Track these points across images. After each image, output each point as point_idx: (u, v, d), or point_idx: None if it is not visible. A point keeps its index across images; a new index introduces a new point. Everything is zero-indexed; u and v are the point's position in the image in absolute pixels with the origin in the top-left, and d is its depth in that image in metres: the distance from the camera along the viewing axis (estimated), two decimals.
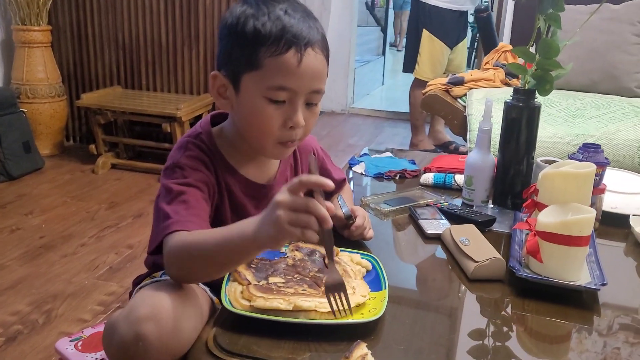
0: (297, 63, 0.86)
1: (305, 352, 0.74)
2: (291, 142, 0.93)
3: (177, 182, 0.89)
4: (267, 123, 0.89)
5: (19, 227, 2.31)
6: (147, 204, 2.60)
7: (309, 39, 0.87)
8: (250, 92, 0.89)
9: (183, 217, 0.84)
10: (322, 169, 1.15)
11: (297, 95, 0.88)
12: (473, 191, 1.27)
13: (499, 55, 2.80)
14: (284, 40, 0.86)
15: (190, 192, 0.88)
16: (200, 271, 0.82)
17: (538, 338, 0.84)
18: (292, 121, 0.89)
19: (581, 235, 0.90)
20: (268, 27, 0.86)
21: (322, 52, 0.91)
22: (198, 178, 0.91)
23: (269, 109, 0.89)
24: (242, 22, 0.88)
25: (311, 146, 1.12)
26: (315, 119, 0.94)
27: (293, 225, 0.70)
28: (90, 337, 1.14)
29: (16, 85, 3.07)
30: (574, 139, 1.95)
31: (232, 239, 0.77)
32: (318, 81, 0.90)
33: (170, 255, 0.81)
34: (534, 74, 1.20)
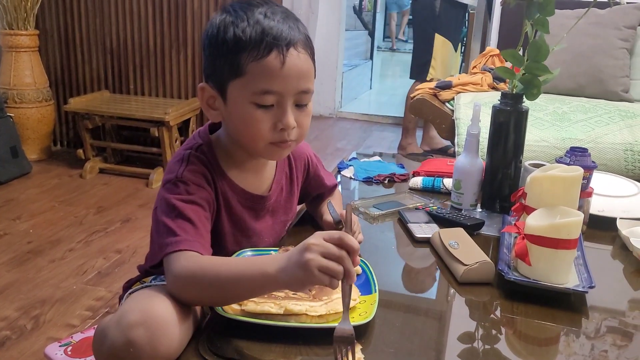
0: (280, 65, 0.86)
1: (297, 356, 0.74)
2: (285, 143, 0.92)
3: (181, 198, 0.88)
4: (257, 128, 0.89)
5: (6, 232, 2.29)
6: (135, 209, 2.59)
7: (290, 39, 0.87)
8: (237, 99, 0.89)
9: (191, 237, 0.83)
10: (315, 175, 1.15)
11: (284, 98, 0.88)
12: (462, 195, 1.28)
13: (486, 59, 2.83)
14: (265, 44, 0.85)
15: (195, 211, 0.87)
16: (210, 299, 0.80)
17: (527, 340, 0.85)
18: (282, 123, 0.88)
19: (569, 238, 0.91)
20: (248, 33, 0.86)
21: (306, 51, 0.90)
22: (202, 196, 0.90)
23: (257, 114, 0.88)
24: (223, 30, 0.88)
25: (305, 153, 1.12)
26: (308, 119, 0.93)
27: (323, 272, 0.70)
28: (79, 343, 1.14)
29: (3, 89, 3.04)
30: (561, 143, 1.97)
31: (252, 275, 0.76)
32: (304, 81, 0.89)
33: (180, 277, 0.80)
34: (521, 79, 1.21)
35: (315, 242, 0.71)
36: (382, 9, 10.20)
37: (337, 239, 0.72)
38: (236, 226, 0.98)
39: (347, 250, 0.71)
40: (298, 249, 0.73)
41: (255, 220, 1.00)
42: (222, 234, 0.96)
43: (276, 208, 1.04)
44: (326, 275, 0.71)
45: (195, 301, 0.82)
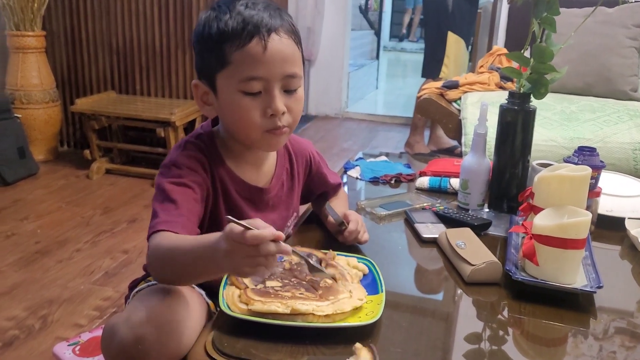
0: (263, 50, 0.87)
1: (303, 355, 0.74)
2: (279, 130, 0.92)
3: (171, 181, 0.90)
4: (247, 115, 0.90)
5: (14, 233, 2.30)
6: (142, 209, 2.59)
7: (271, 25, 0.88)
8: (226, 90, 0.91)
9: (171, 217, 0.85)
10: (318, 172, 1.15)
11: (270, 83, 0.89)
12: (469, 195, 1.27)
13: (493, 58, 2.82)
14: (246, 32, 0.87)
15: (182, 192, 0.89)
16: (174, 276, 0.82)
17: (534, 341, 0.85)
18: (271, 109, 0.90)
19: (577, 238, 0.91)
20: (230, 24, 0.88)
21: (290, 36, 0.91)
22: (193, 179, 0.91)
23: (245, 102, 0.89)
24: (208, 26, 0.91)
25: (307, 150, 1.12)
26: (300, 105, 0.94)
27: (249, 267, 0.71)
28: (87, 342, 1.14)
29: (10, 90, 3.06)
30: (569, 143, 1.96)
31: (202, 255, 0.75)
32: (290, 65, 0.90)
33: (150, 256, 0.82)
34: (529, 78, 1.21)
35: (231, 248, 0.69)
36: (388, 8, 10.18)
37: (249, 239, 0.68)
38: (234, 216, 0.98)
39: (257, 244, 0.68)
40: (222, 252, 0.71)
41: (255, 213, 1.00)
42: (220, 224, 0.97)
43: (277, 203, 1.04)
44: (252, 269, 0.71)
45: (167, 279, 0.83)
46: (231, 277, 0.85)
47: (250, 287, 0.83)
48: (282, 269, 0.90)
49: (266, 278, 0.86)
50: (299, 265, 0.91)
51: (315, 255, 0.94)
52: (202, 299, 0.92)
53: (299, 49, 0.93)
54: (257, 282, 0.85)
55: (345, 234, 1.03)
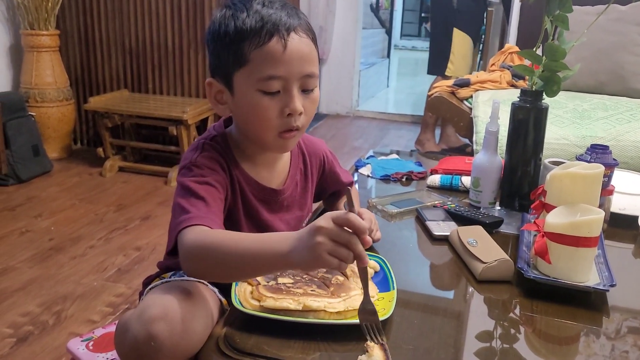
0: (283, 49, 0.87)
1: (315, 352, 0.74)
2: (292, 131, 0.92)
3: (195, 180, 0.89)
4: (264, 115, 0.90)
5: (28, 230, 2.33)
6: (154, 206, 2.62)
7: (290, 24, 0.88)
8: (244, 89, 0.90)
9: (202, 213, 0.84)
10: (331, 172, 1.15)
11: (289, 82, 0.89)
12: (480, 193, 1.27)
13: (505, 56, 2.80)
14: (265, 30, 0.87)
15: (208, 191, 0.89)
16: (219, 273, 0.81)
17: (546, 339, 0.84)
18: (290, 108, 0.89)
19: (590, 236, 0.90)
20: (248, 22, 0.87)
21: (307, 35, 0.91)
22: (215, 178, 0.91)
23: (264, 101, 0.89)
24: (224, 24, 0.90)
25: (321, 150, 1.12)
26: (314, 105, 0.94)
27: (332, 255, 0.70)
28: (101, 337, 1.15)
29: (25, 89, 3.09)
30: (581, 141, 1.95)
31: (262, 252, 0.76)
32: (308, 64, 0.90)
33: (189, 250, 0.80)
34: (541, 76, 1.20)
35: (324, 225, 0.70)
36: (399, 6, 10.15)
37: (345, 220, 0.70)
38: (251, 218, 0.99)
39: (356, 232, 0.70)
40: (308, 230, 0.72)
41: (269, 214, 1.00)
42: (238, 225, 0.97)
43: (291, 203, 1.05)
44: (335, 259, 0.70)
45: (206, 275, 0.83)
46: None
47: (262, 283, 0.84)
48: None
49: (278, 275, 0.87)
50: None
51: None
52: (215, 296, 0.93)
53: (315, 48, 0.93)
54: (269, 278, 0.85)
55: None
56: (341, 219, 0.70)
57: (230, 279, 0.83)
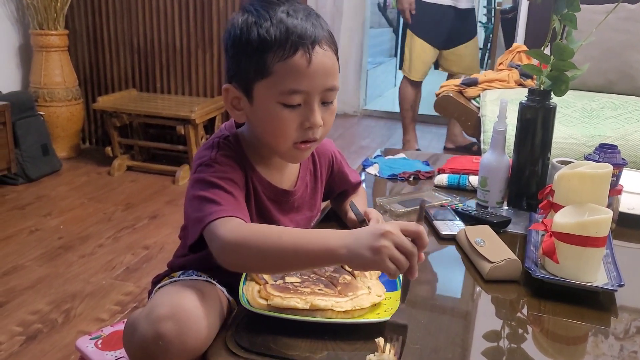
0: (307, 63, 0.85)
1: (323, 351, 0.74)
2: (310, 143, 0.92)
3: (217, 175, 0.88)
4: (284, 128, 0.89)
5: (37, 228, 2.34)
6: (162, 205, 2.63)
7: (315, 37, 0.86)
8: (264, 100, 0.88)
9: (233, 206, 0.84)
10: (339, 172, 1.15)
11: (311, 96, 0.87)
12: (487, 192, 1.27)
13: (513, 55, 2.80)
14: (290, 43, 0.85)
15: (233, 186, 0.88)
16: (261, 266, 0.81)
17: (554, 339, 0.84)
18: (310, 122, 0.88)
19: (598, 236, 0.90)
20: (272, 32, 0.85)
21: (331, 48, 0.89)
22: (236, 176, 0.90)
23: (284, 114, 0.88)
24: (246, 31, 0.87)
25: (330, 151, 1.12)
26: (333, 116, 0.93)
27: (392, 261, 0.72)
28: (109, 336, 1.16)
29: (34, 88, 3.12)
30: (589, 140, 1.94)
31: (313, 248, 0.76)
32: (331, 78, 0.89)
33: (230, 242, 0.79)
34: (549, 75, 1.20)
35: (393, 230, 0.72)
36: None
37: (415, 232, 0.73)
38: (262, 218, 0.99)
39: (419, 246, 0.73)
40: (371, 231, 0.73)
41: (280, 215, 1.01)
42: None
43: (301, 204, 1.05)
44: (393, 265, 0.72)
45: (245, 267, 0.82)
46: (250, 273, 0.86)
47: (269, 282, 0.84)
48: None
49: (285, 274, 0.87)
50: None
51: None
52: (224, 295, 0.93)
53: (337, 60, 0.91)
54: (276, 278, 0.86)
55: None
56: (411, 231, 0.73)
57: (270, 271, 0.83)
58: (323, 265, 0.83)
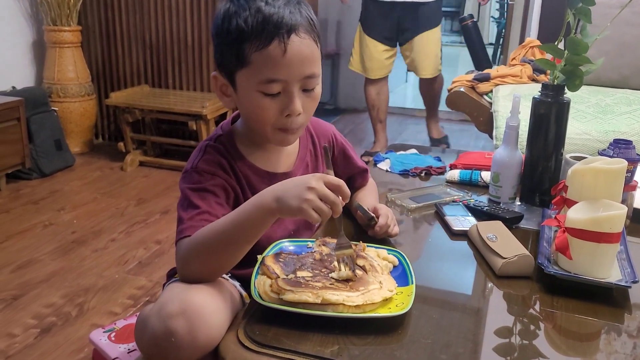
0: (282, 52, 0.87)
1: (334, 345, 0.75)
2: (291, 130, 0.94)
3: (191, 187, 0.92)
4: (264, 115, 0.92)
5: (51, 223, 2.37)
6: (174, 200, 2.64)
7: (291, 25, 0.87)
8: (245, 88, 0.91)
9: (195, 222, 0.87)
10: (343, 154, 1.16)
11: (289, 85, 0.89)
12: (500, 188, 1.26)
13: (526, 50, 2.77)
14: (265, 33, 0.86)
15: (203, 197, 0.91)
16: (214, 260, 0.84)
17: (567, 335, 0.84)
18: (289, 109, 0.91)
19: (612, 232, 0.89)
20: (250, 22, 0.87)
21: (309, 35, 0.90)
22: (215, 183, 0.93)
23: (264, 102, 0.90)
24: (227, 21, 0.90)
25: (329, 132, 1.14)
26: (315, 103, 0.95)
27: (315, 210, 0.78)
28: (122, 329, 1.17)
29: (48, 84, 3.14)
30: (603, 136, 1.92)
31: (248, 211, 0.81)
32: (309, 66, 0.90)
33: (182, 258, 0.85)
34: (563, 69, 1.19)
35: (316, 186, 0.78)
36: None
37: (336, 186, 0.79)
38: None
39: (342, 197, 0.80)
40: (298, 183, 0.79)
41: None
42: None
43: None
44: (317, 214, 0.78)
45: (203, 272, 0.84)
46: (262, 267, 0.87)
47: (281, 277, 0.84)
48: (313, 259, 0.91)
49: (297, 268, 0.87)
50: (329, 256, 0.92)
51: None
52: (235, 289, 0.94)
53: (318, 47, 0.92)
54: (288, 272, 0.86)
55: (375, 228, 1.04)
56: (333, 185, 0.79)
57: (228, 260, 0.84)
58: (263, 224, 0.83)
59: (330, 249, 0.94)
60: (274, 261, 0.88)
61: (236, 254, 0.84)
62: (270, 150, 1.02)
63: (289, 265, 0.88)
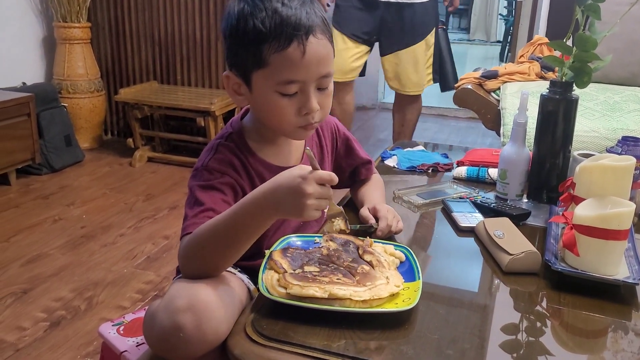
0: (302, 54, 0.88)
1: (340, 339, 0.75)
2: (310, 125, 0.95)
3: (200, 184, 0.93)
4: (283, 114, 0.92)
5: (61, 217, 2.39)
6: (182, 196, 2.65)
7: (309, 27, 0.88)
8: (262, 88, 0.92)
9: (198, 219, 0.88)
10: (346, 145, 1.17)
11: (307, 85, 0.90)
12: (507, 185, 1.26)
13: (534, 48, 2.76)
14: (285, 35, 0.87)
15: (210, 195, 0.91)
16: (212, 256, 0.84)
17: (574, 332, 0.84)
18: (307, 108, 0.92)
19: (619, 229, 0.89)
20: (267, 24, 0.87)
21: (325, 35, 0.91)
22: (223, 181, 0.94)
23: (282, 102, 0.91)
24: (243, 21, 0.89)
25: (332, 122, 1.15)
26: (330, 99, 0.96)
27: (317, 210, 0.80)
28: (131, 322, 1.18)
29: (57, 80, 3.16)
30: (612, 134, 1.91)
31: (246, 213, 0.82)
32: (325, 66, 0.91)
33: (183, 252, 0.86)
34: (571, 66, 1.19)
35: (312, 191, 0.79)
36: None
37: (330, 181, 0.81)
38: None
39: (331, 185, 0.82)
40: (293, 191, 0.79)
41: None
42: None
43: None
44: (318, 212, 0.81)
45: (202, 269, 0.85)
46: (270, 262, 0.87)
47: (289, 271, 0.85)
48: (320, 254, 0.91)
49: (304, 263, 0.88)
50: (337, 251, 0.92)
51: (352, 242, 0.95)
52: (243, 284, 0.94)
53: (331, 46, 0.93)
54: (295, 267, 0.87)
55: (377, 233, 1.04)
56: (324, 179, 0.80)
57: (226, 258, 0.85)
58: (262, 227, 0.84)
59: (338, 245, 0.95)
60: (281, 256, 0.89)
61: (234, 252, 0.84)
62: (280, 144, 1.03)
63: (297, 260, 0.89)
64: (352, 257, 0.91)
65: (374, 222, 1.05)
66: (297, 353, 0.73)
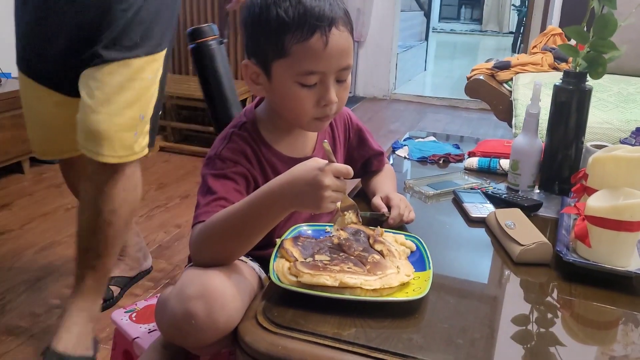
0: (324, 46, 0.88)
1: (351, 328, 0.76)
2: (327, 117, 0.96)
3: (213, 172, 0.93)
4: (301, 105, 0.92)
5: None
6: (194, 185, 2.67)
7: (332, 19, 0.88)
8: (282, 78, 0.92)
9: (211, 208, 0.88)
10: (360, 138, 1.17)
11: (327, 76, 0.90)
12: (519, 176, 1.26)
13: (547, 38, 2.73)
14: (308, 25, 0.87)
15: (223, 184, 0.92)
16: (225, 245, 0.85)
17: (585, 324, 0.84)
18: (326, 100, 0.92)
19: (632, 220, 0.89)
20: (290, 14, 0.87)
21: (347, 28, 0.91)
22: (236, 170, 0.94)
23: (301, 93, 0.91)
24: (265, 11, 0.89)
25: (344, 113, 1.15)
26: (347, 92, 0.96)
27: (332, 203, 0.80)
28: (143, 309, 1.20)
29: None
30: (625, 125, 1.90)
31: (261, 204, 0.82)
32: (346, 58, 0.91)
33: (193, 243, 0.86)
34: (586, 56, 1.18)
35: (330, 183, 0.78)
36: None
37: (347, 175, 0.81)
38: None
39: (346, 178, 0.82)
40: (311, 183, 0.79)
41: None
42: None
43: None
44: (334, 204, 0.81)
45: (214, 257, 0.85)
46: (281, 250, 0.88)
47: (299, 260, 0.85)
48: (331, 243, 0.92)
49: (315, 252, 0.88)
50: (347, 240, 0.93)
51: (363, 231, 0.96)
52: (254, 272, 0.95)
53: (352, 39, 0.94)
54: (306, 255, 0.87)
55: (389, 221, 1.04)
56: (341, 172, 0.80)
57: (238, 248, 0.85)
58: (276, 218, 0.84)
59: (349, 234, 0.95)
60: (292, 244, 0.89)
61: (246, 242, 0.85)
62: (294, 135, 1.03)
63: (307, 249, 0.89)
64: (362, 246, 0.91)
65: (386, 210, 1.05)
66: (308, 341, 0.74)
